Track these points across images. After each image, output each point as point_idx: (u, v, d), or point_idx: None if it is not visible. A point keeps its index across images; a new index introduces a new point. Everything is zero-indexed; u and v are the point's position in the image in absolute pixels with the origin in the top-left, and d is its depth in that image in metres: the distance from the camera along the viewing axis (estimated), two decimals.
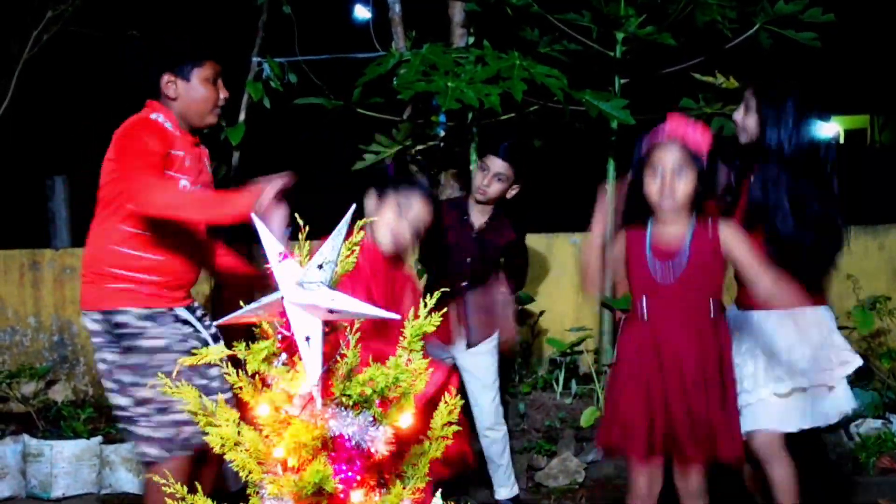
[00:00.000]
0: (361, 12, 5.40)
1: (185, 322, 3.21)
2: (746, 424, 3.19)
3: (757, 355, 3.23)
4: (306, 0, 5.00)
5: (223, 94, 3.29)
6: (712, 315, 3.05)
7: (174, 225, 3.12)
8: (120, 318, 3.12)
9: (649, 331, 3.07)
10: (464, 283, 3.87)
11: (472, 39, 4.63)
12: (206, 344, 3.17)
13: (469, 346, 3.93)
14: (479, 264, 3.89)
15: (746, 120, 3.27)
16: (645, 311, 3.07)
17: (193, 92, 3.22)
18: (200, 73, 3.23)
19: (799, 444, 3.26)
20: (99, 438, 4.39)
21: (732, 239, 3.02)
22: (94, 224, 3.23)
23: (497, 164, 3.81)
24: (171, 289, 3.22)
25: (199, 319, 3.30)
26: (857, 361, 3.25)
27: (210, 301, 4.90)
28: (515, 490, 4.12)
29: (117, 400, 3.15)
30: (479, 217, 3.92)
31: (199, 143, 3.32)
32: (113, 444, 4.35)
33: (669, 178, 2.97)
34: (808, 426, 3.22)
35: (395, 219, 3.16)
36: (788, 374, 3.17)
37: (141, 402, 3.10)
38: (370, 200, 3.22)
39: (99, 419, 4.63)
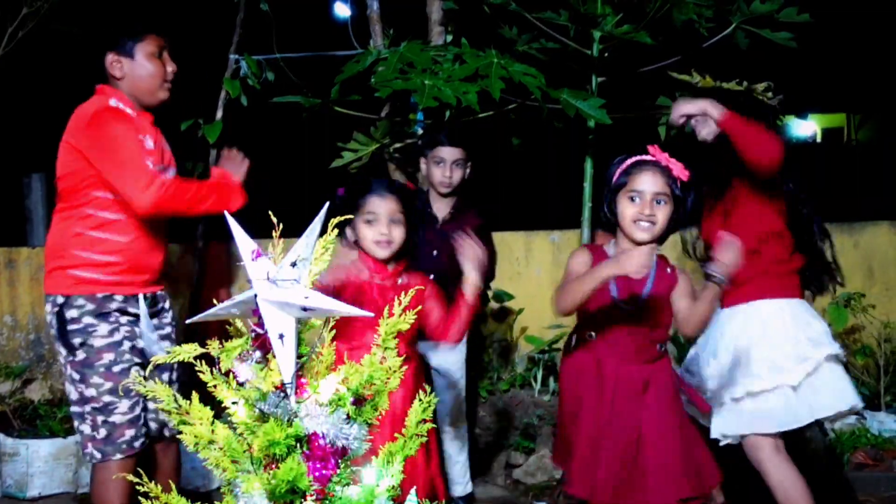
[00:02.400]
0: (340, 10, 5.39)
1: (136, 317, 3.15)
2: (730, 428, 3.17)
3: (719, 356, 3.20)
4: None
5: (170, 68, 3.23)
6: (659, 349, 2.92)
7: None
8: (72, 313, 3.08)
9: (594, 359, 2.88)
10: (431, 277, 3.85)
11: (450, 37, 4.62)
12: (141, 351, 3.13)
13: None
14: (446, 257, 3.86)
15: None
16: (594, 336, 2.90)
17: (139, 69, 3.15)
18: (143, 49, 3.16)
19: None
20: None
21: (685, 286, 2.86)
22: (58, 214, 3.20)
23: (450, 152, 3.93)
24: (137, 272, 3.17)
25: (160, 312, 3.27)
26: (819, 355, 3.13)
27: (189, 301, 4.87)
28: (469, 488, 4.03)
29: (70, 394, 3.14)
30: (442, 209, 3.97)
31: (154, 121, 3.26)
32: None
33: (650, 204, 2.75)
34: (779, 429, 3.15)
35: (367, 228, 3.06)
36: (743, 376, 3.13)
37: (85, 401, 3.08)
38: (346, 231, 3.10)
39: None
